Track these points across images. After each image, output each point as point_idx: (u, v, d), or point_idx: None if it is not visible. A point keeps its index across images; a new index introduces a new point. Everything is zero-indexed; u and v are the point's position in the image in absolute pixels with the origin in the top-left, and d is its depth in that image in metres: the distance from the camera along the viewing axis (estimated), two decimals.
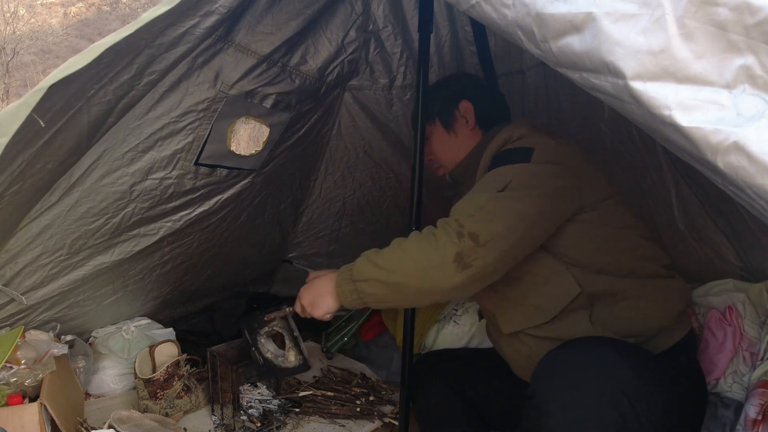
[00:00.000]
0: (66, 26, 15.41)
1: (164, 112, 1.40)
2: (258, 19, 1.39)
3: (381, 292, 1.10)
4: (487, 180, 1.14)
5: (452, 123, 1.40)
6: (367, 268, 1.12)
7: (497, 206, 1.07)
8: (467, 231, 1.04)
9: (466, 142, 1.39)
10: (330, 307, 1.21)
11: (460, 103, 1.38)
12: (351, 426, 1.68)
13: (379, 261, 1.11)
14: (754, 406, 1.17)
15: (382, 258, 1.11)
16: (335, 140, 2.07)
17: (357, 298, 1.13)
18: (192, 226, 1.77)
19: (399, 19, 1.71)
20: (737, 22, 0.54)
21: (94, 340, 1.83)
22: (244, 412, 1.60)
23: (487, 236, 1.03)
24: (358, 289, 1.12)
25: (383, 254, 1.12)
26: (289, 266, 2.50)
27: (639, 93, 0.57)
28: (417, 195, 1.40)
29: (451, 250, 1.03)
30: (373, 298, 1.12)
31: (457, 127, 1.40)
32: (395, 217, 2.36)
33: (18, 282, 1.47)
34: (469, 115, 1.38)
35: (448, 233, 1.05)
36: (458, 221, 1.06)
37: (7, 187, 1.16)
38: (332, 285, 1.18)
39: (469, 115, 1.38)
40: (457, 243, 1.03)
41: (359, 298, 1.13)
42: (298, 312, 1.30)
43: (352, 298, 1.14)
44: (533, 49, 0.68)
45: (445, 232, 1.06)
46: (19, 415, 1.26)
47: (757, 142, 0.52)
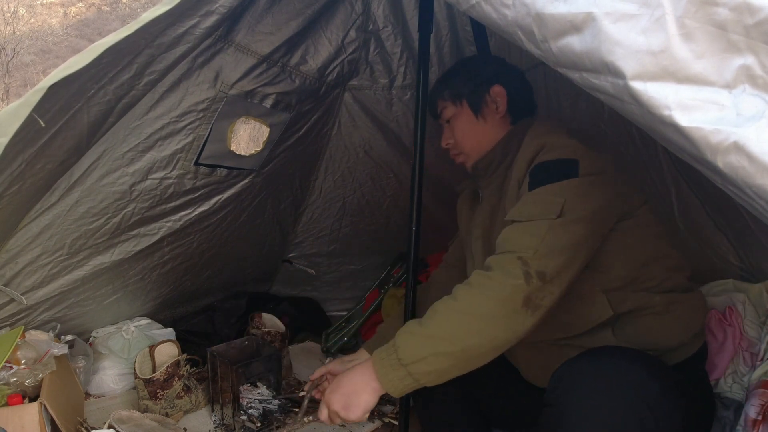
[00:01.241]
0: (66, 26, 15.41)
1: (164, 112, 1.40)
2: (258, 19, 1.39)
3: (443, 366, 0.95)
4: (537, 201, 1.02)
5: (482, 108, 1.29)
6: (418, 344, 0.96)
7: (558, 236, 0.97)
8: (534, 270, 0.94)
9: (493, 131, 1.29)
10: (369, 404, 1.01)
11: (493, 87, 1.28)
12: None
13: (432, 331, 0.96)
14: (755, 407, 1.17)
15: (434, 326, 0.96)
16: (335, 140, 2.07)
17: (411, 382, 0.96)
18: (192, 226, 1.77)
19: (399, 19, 1.71)
20: (737, 22, 0.54)
21: (94, 340, 1.83)
22: (244, 412, 1.60)
23: (553, 272, 0.95)
24: (411, 373, 0.95)
25: (433, 322, 0.97)
26: (289, 266, 2.50)
27: (639, 93, 0.57)
28: (417, 195, 1.40)
29: (519, 295, 0.93)
30: (432, 377, 0.96)
31: (487, 113, 1.30)
32: (395, 217, 2.36)
33: (18, 282, 1.47)
34: (501, 102, 1.28)
35: (513, 275, 0.94)
36: (522, 259, 0.95)
37: (7, 187, 1.16)
38: (370, 377, 0.99)
39: (501, 101, 1.28)
40: (525, 286, 0.93)
41: (414, 382, 0.96)
42: (324, 420, 1.07)
43: (404, 384, 0.96)
44: (533, 49, 0.68)
45: (508, 274, 0.95)
46: (19, 415, 1.26)
47: (757, 142, 0.52)
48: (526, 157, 1.13)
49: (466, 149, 1.33)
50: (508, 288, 0.94)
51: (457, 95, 1.31)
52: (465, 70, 1.34)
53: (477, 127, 1.31)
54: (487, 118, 1.30)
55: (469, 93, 1.30)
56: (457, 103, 1.31)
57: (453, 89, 1.32)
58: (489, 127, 1.30)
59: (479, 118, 1.30)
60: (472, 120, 1.31)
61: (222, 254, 2.04)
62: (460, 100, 1.31)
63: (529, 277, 0.93)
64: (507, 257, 0.97)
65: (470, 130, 1.31)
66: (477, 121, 1.30)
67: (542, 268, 0.94)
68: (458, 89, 1.31)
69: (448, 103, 1.33)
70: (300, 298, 2.58)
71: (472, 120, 1.31)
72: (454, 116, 1.32)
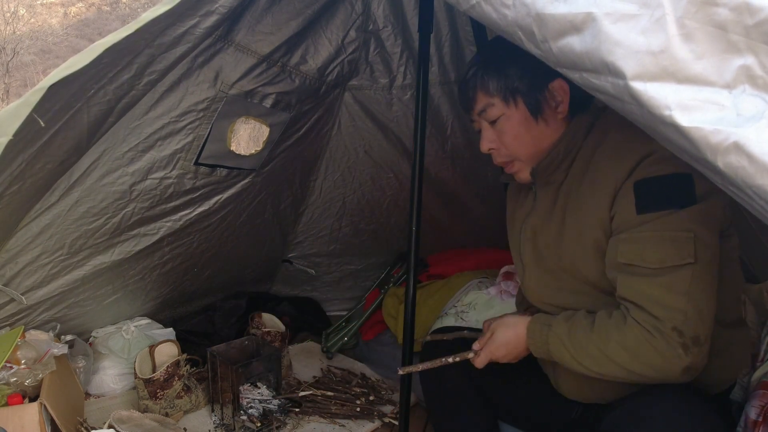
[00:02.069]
0: (66, 26, 15.40)
1: (164, 112, 1.40)
2: (258, 19, 1.39)
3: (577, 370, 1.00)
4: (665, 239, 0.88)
5: (543, 108, 1.05)
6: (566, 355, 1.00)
7: (701, 287, 0.87)
8: (689, 338, 0.86)
9: (553, 134, 1.07)
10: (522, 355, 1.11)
11: (553, 81, 1.03)
12: (351, 426, 1.68)
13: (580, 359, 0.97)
14: (755, 408, 1.17)
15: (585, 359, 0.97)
16: (335, 140, 2.07)
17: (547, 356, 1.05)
18: (192, 226, 1.77)
19: (399, 19, 1.71)
20: (737, 22, 0.54)
21: (94, 340, 1.83)
22: (244, 412, 1.60)
23: (705, 333, 0.88)
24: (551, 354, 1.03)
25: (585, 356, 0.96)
26: (289, 266, 2.50)
27: (639, 93, 0.57)
28: (417, 195, 1.39)
29: (678, 366, 0.87)
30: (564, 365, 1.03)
31: (548, 114, 1.06)
32: (395, 217, 2.36)
33: (18, 282, 1.47)
34: (564, 100, 1.04)
35: (671, 346, 0.87)
36: (676, 330, 0.86)
37: (7, 187, 1.16)
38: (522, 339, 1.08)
39: (563, 99, 1.04)
40: (684, 358, 0.87)
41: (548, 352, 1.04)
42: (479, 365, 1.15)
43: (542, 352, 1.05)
44: (533, 49, 0.68)
45: (666, 347, 0.87)
46: (19, 415, 1.26)
47: (757, 142, 0.52)
48: (619, 162, 0.95)
49: (522, 156, 1.10)
50: (668, 361, 0.88)
51: (511, 91, 1.05)
52: (516, 56, 0.98)
53: (535, 130, 1.07)
54: (548, 119, 1.06)
55: (526, 89, 1.04)
56: (510, 102, 1.06)
57: (504, 82, 1.05)
58: (550, 130, 1.07)
59: (539, 120, 1.06)
60: (529, 123, 1.06)
61: (222, 254, 2.04)
62: (515, 97, 1.05)
63: (687, 348, 0.86)
64: (657, 325, 0.88)
65: (528, 135, 1.07)
66: (537, 123, 1.06)
67: (696, 333, 0.87)
68: (512, 83, 1.04)
69: (495, 100, 1.06)
70: (300, 298, 2.58)
71: (530, 123, 1.06)
72: (505, 117, 1.07)
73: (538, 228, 1.14)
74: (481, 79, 1.07)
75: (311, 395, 1.75)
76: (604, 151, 1.01)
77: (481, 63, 1.08)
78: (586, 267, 1.04)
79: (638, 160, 0.93)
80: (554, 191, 1.11)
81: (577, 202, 1.05)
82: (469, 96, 1.10)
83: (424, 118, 1.38)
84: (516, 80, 1.04)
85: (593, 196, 1.00)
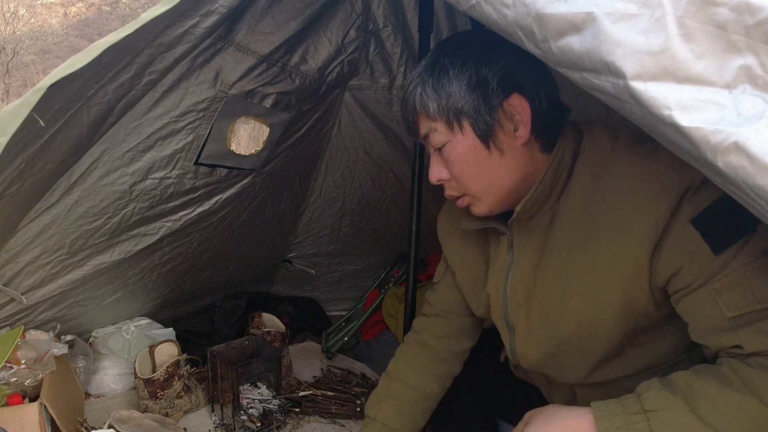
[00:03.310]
0: (66, 26, 15.41)
1: (164, 112, 1.40)
2: (258, 19, 1.39)
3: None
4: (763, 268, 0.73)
5: (495, 132, 0.84)
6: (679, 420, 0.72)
7: None
8: None
9: (513, 164, 0.86)
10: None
11: (509, 98, 0.83)
12: (351, 426, 1.68)
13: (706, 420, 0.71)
14: None
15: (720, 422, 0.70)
16: (335, 140, 2.07)
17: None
18: (192, 226, 1.77)
19: (399, 19, 1.71)
20: (737, 22, 0.54)
21: (94, 340, 1.83)
22: (244, 412, 1.60)
23: None
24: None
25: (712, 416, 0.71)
26: (289, 266, 2.50)
27: (639, 93, 0.57)
28: (417, 195, 1.40)
29: None
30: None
31: (503, 140, 0.84)
32: (395, 217, 2.36)
33: (18, 282, 1.47)
34: (524, 121, 0.83)
35: None
36: None
37: (7, 187, 1.16)
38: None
39: (523, 120, 0.83)
40: None
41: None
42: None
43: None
44: (533, 49, 0.68)
45: None
46: (19, 415, 1.26)
47: (757, 142, 0.52)
48: (648, 200, 0.77)
49: (474, 191, 0.90)
50: None
51: (454, 113, 0.84)
52: (458, 61, 0.83)
53: (488, 161, 0.86)
54: (503, 147, 0.85)
55: (472, 110, 0.83)
56: (454, 125, 0.85)
57: (446, 102, 0.84)
58: (507, 160, 0.86)
59: (491, 148, 0.85)
60: (479, 151, 0.85)
61: (222, 254, 2.04)
62: (459, 120, 0.84)
63: None
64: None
65: (478, 166, 0.87)
66: (489, 152, 0.85)
67: None
68: (455, 103, 0.84)
69: (437, 124, 0.86)
70: (300, 298, 2.58)
71: (480, 151, 0.85)
72: (450, 144, 0.87)
73: (530, 288, 0.95)
74: (420, 98, 0.87)
75: (311, 395, 1.75)
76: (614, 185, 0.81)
77: (420, 77, 0.88)
78: (605, 329, 0.87)
79: (680, 195, 0.75)
80: (540, 238, 0.92)
81: (586, 252, 0.85)
82: (409, 119, 0.92)
83: None
84: (459, 99, 0.83)
85: (616, 244, 0.81)
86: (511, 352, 1.06)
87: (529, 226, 0.92)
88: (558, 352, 0.96)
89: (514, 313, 0.99)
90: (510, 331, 1.03)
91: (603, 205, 0.83)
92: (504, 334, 1.05)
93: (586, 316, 0.88)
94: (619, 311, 0.85)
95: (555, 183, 0.88)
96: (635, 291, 0.82)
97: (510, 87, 0.83)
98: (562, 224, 0.89)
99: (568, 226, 0.88)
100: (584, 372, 0.98)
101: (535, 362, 1.01)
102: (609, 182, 0.82)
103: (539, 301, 0.94)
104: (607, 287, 0.84)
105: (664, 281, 0.80)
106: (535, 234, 0.92)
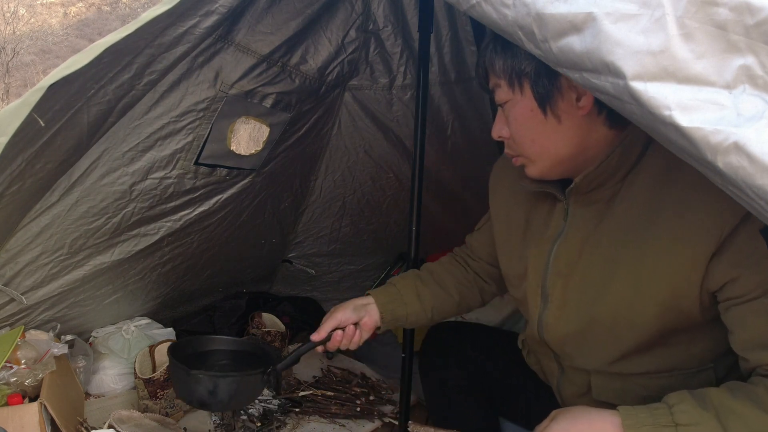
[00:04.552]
0: (66, 26, 15.41)
1: (164, 112, 1.40)
2: (258, 19, 1.39)
3: None
4: None
5: (555, 100, 0.84)
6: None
7: None
8: None
9: (572, 134, 0.85)
10: None
11: None
12: (351, 426, 1.68)
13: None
14: None
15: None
16: (335, 140, 2.07)
17: None
18: (192, 226, 1.77)
19: (399, 19, 1.71)
20: (737, 22, 0.54)
21: (94, 340, 1.83)
22: (244, 412, 1.60)
23: None
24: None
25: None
26: (289, 266, 2.50)
27: (639, 93, 0.57)
28: (417, 195, 1.40)
29: None
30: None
31: (561, 109, 0.84)
32: (395, 217, 2.36)
33: (18, 282, 1.47)
34: (588, 92, 0.80)
35: None
36: None
37: (6, 187, 1.16)
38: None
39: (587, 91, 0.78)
40: None
41: None
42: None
43: None
44: (533, 49, 0.68)
45: None
46: (19, 415, 1.26)
47: (757, 143, 0.52)
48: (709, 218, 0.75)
49: (527, 153, 0.91)
50: None
51: (517, 74, 0.85)
52: None
53: (544, 126, 0.86)
54: (561, 115, 0.85)
55: (534, 73, 0.83)
56: (515, 86, 0.86)
57: (510, 62, 0.85)
58: (565, 129, 0.85)
59: (548, 114, 0.85)
60: (536, 115, 0.86)
61: (222, 254, 2.03)
62: (520, 81, 0.85)
63: None
64: None
65: (533, 130, 0.88)
66: (545, 118, 0.85)
67: None
68: (518, 64, 0.84)
69: (501, 82, 0.89)
70: (300, 298, 2.57)
71: (537, 116, 0.86)
72: (511, 103, 0.89)
73: (573, 261, 0.94)
74: (489, 55, 0.89)
75: (311, 395, 1.75)
76: (688, 180, 0.78)
77: (493, 36, 0.88)
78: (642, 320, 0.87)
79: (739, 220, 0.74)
80: (596, 213, 0.91)
81: (641, 243, 0.84)
82: (480, 73, 0.94)
83: (424, 118, 1.38)
84: (524, 61, 0.83)
85: (675, 239, 0.80)
86: (538, 322, 1.03)
87: (588, 199, 0.91)
88: (588, 331, 0.94)
89: (552, 281, 0.98)
90: (543, 300, 1.01)
91: (670, 196, 0.81)
92: (536, 302, 1.03)
93: (626, 303, 0.87)
94: (661, 306, 0.84)
95: (622, 163, 0.85)
96: (684, 289, 0.81)
97: None
98: (623, 205, 0.87)
99: (629, 209, 0.86)
100: (607, 359, 0.95)
101: (562, 335, 0.99)
102: (683, 175, 0.79)
103: (581, 276, 0.93)
104: (655, 279, 0.83)
105: (717, 286, 0.78)
106: (591, 208, 0.91)
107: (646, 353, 0.92)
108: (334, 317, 1.18)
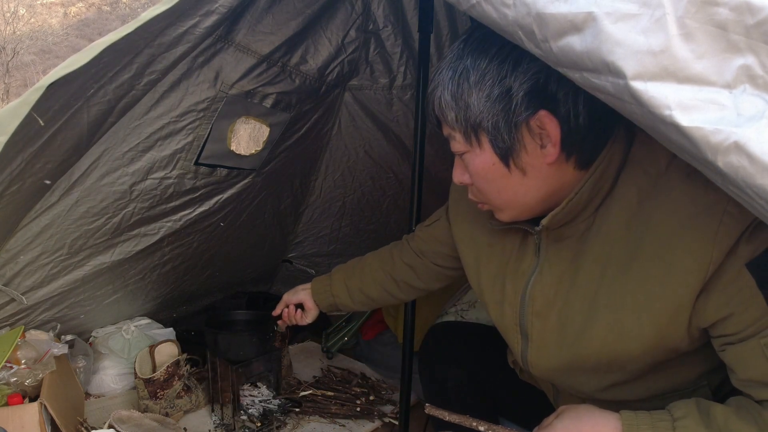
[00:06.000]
0: (66, 26, 15.41)
1: (164, 112, 1.40)
2: (258, 19, 1.39)
3: None
4: None
5: (517, 152, 0.77)
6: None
7: None
8: None
9: (538, 182, 0.79)
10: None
11: (535, 115, 0.73)
12: (351, 426, 1.68)
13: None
14: None
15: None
16: (335, 140, 2.07)
17: None
18: (192, 226, 1.77)
19: (399, 19, 1.71)
20: (737, 22, 0.54)
21: (94, 340, 1.83)
22: (244, 412, 1.60)
23: None
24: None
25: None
26: (289, 266, 2.50)
27: (639, 93, 0.57)
28: (417, 195, 1.40)
29: None
30: None
31: (526, 160, 0.77)
32: (395, 217, 2.36)
33: (18, 282, 1.47)
34: (554, 140, 0.74)
35: None
36: None
37: (6, 187, 1.16)
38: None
39: (552, 138, 0.74)
40: None
41: None
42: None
43: None
44: (534, 49, 0.68)
45: None
46: (19, 415, 1.26)
47: (757, 142, 0.52)
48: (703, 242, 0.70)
49: (494, 203, 0.86)
50: None
51: (472, 127, 0.77)
52: (482, 65, 0.74)
53: (510, 180, 0.80)
54: (526, 168, 0.78)
55: (493, 128, 0.75)
56: (472, 140, 0.79)
57: (463, 114, 0.77)
58: (532, 179, 0.79)
59: (512, 168, 0.78)
60: (500, 170, 0.79)
61: (222, 254, 2.04)
62: (477, 136, 0.78)
63: None
64: None
65: (499, 183, 0.81)
66: (509, 172, 0.79)
67: None
68: (473, 116, 0.76)
69: (455, 134, 0.81)
70: None
71: (501, 170, 0.79)
72: (469, 155, 0.81)
73: (550, 299, 0.89)
74: (439, 103, 0.80)
75: (311, 395, 1.76)
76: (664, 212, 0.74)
77: (441, 76, 0.79)
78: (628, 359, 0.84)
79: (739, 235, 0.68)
80: (570, 248, 0.86)
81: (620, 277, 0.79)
82: (432, 119, 0.85)
83: (424, 118, 1.38)
84: (478, 113, 0.75)
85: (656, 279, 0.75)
86: (521, 358, 1.01)
87: (560, 234, 0.86)
88: (572, 368, 0.92)
89: (530, 321, 0.94)
90: (523, 337, 0.97)
91: (648, 231, 0.76)
92: (516, 339, 0.99)
93: (609, 345, 0.83)
94: (647, 346, 0.80)
95: (593, 196, 0.80)
96: (670, 330, 0.77)
97: (538, 101, 0.72)
98: (597, 238, 0.82)
99: (604, 243, 0.81)
100: (596, 388, 0.95)
101: (546, 371, 0.98)
102: (658, 206, 0.74)
103: (558, 315, 0.89)
104: (639, 322, 0.79)
105: (708, 323, 0.75)
106: (564, 243, 0.86)
107: (636, 381, 0.90)
108: (283, 298, 1.49)
